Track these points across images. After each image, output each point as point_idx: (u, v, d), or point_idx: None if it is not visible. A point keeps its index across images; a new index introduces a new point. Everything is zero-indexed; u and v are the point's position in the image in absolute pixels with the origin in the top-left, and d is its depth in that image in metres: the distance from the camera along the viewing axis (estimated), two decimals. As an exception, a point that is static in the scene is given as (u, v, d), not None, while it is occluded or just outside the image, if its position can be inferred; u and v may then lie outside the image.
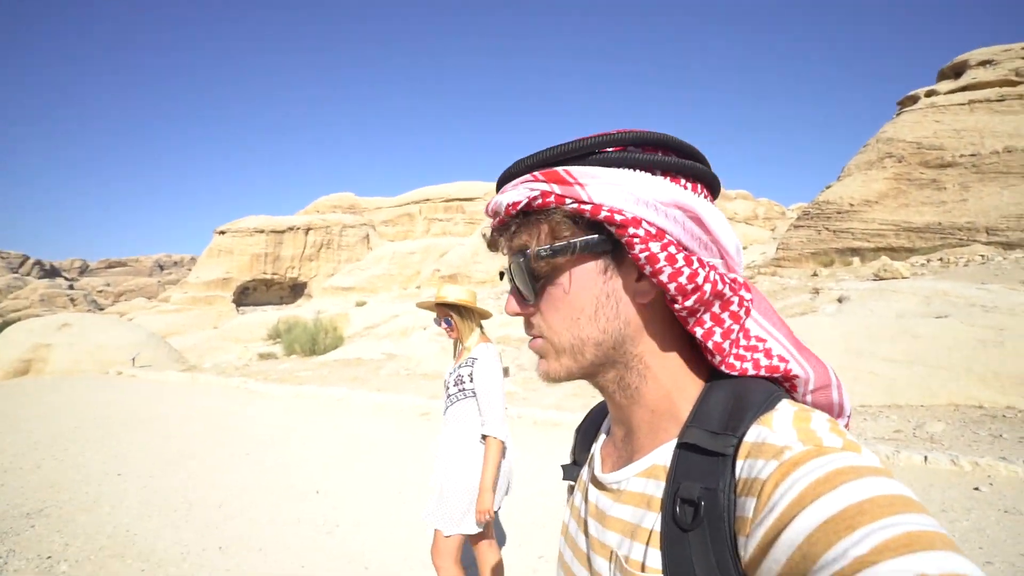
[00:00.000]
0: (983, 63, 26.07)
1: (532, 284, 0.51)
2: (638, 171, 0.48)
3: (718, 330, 0.48)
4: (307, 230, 59.97)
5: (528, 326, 0.55)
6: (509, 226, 0.52)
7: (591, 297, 0.50)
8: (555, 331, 0.51)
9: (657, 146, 0.49)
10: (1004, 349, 7.16)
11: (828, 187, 26.86)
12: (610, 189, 0.47)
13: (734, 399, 0.47)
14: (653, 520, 0.47)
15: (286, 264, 58.75)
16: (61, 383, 11.19)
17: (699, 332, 0.48)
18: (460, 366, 2.21)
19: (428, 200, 68.04)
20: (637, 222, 0.46)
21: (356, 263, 57.46)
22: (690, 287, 0.46)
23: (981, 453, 4.44)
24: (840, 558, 0.33)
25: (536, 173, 0.49)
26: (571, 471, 0.65)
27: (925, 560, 0.31)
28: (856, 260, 22.10)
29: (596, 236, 0.48)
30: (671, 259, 0.46)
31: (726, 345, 0.49)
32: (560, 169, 0.48)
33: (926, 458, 4.12)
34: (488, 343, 2.24)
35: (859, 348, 8.07)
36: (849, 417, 0.53)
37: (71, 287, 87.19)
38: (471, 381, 2.16)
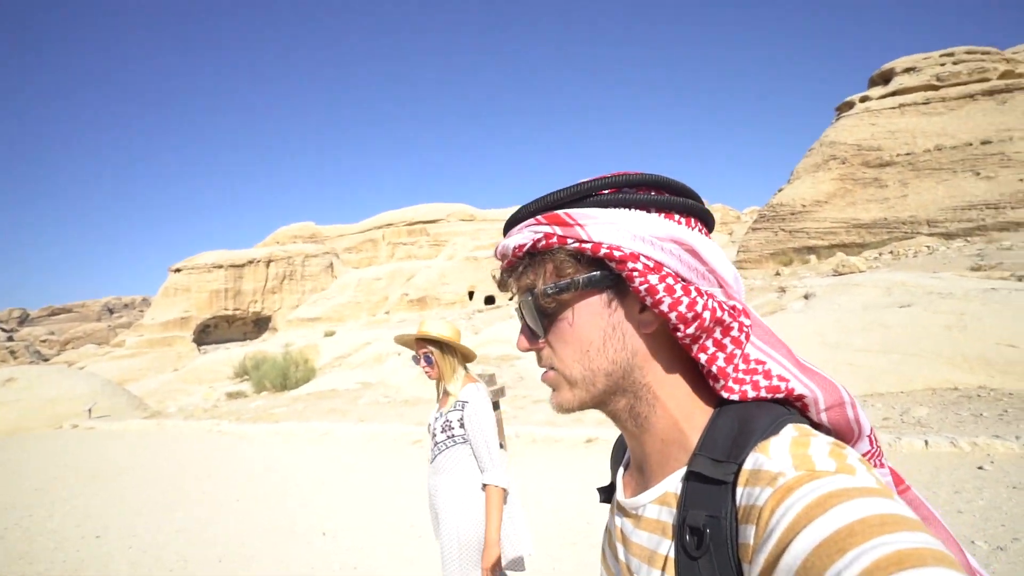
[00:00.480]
0: (908, 70, 28.19)
1: (541, 320, 0.54)
2: (633, 210, 0.51)
3: (721, 355, 0.50)
4: (268, 262, 58.24)
5: (540, 360, 0.57)
6: (517, 267, 0.55)
7: (598, 330, 0.52)
8: (566, 364, 0.54)
9: (651, 186, 0.52)
10: (968, 332, 7.56)
11: (780, 190, 28.19)
12: (608, 228, 0.50)
13: (739, 425, 0.48)
14: (668, 547, 0.49)
15: (248, 298, 56.71)
16: (10, 443, 10.31)
17: (703, 358, 0.50)
18: (448, 411, 1.99)
19: (391, 224, 67.43)
20: (635, 257, 0.49)
21: (321, 292, 56.08)
22: (690, 315, 0.48)
23: (970, 433, 4.62)
24: None
25: (539, 217, 0.53)
26: (607, 493, 0.67)
27: None
28: (813, 258, 23.16)
29: (598, 272, 0.51)
30: (669, 290, 0.49)
31: (730, 369, 0.50)
32: (561, 212, 0.52)
33: (927, 443, 4.26)
34: (476, 383, 2.02)
35: (835, 341, 8.37)
36: (872, 435, 0.53)
37: (10, 339, 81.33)
38: (461, 427, 1.96)
